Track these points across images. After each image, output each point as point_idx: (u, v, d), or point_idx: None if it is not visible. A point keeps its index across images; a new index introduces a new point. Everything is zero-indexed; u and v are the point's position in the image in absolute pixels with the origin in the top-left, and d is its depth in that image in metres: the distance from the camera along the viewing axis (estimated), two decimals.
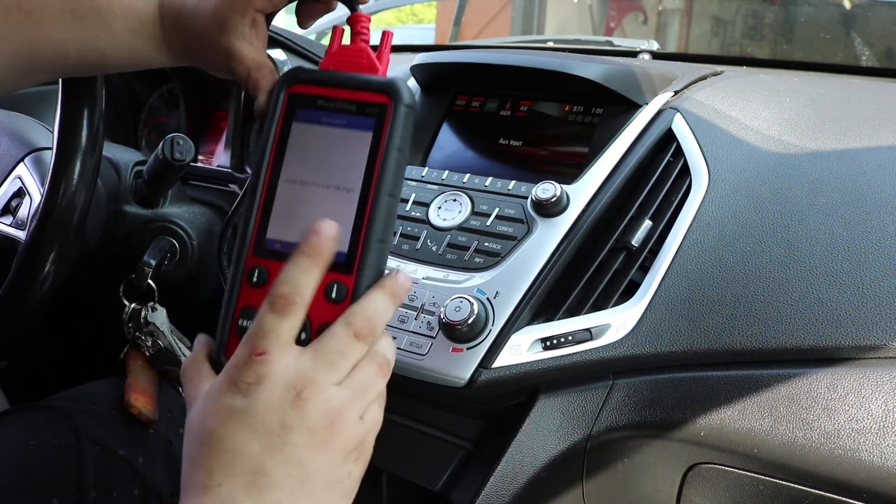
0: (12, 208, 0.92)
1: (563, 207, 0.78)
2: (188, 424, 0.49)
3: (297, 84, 0.53)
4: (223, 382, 0.48)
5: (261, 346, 0.47)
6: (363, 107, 0.52)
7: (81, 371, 1.17)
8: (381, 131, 0.51)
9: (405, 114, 0.52)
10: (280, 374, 0.47)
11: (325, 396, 0.48)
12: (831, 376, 0.67)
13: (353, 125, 0.52)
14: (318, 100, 0.53)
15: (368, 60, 0.55)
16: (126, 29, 0.61)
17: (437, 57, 0.96)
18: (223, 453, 0.46)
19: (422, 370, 0.76)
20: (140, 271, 0.95)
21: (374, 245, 0.50)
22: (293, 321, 0.48)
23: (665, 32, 2.15)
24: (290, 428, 0.46)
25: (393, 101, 0.51)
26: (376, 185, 0.51)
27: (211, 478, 0.46)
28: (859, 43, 1.44)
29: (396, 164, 0.51)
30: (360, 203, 0.51)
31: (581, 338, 0.74)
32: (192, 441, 0.48)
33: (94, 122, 0.77)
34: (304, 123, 0.53)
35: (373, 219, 0.50)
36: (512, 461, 0.76)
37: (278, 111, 0.53)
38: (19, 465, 0.79)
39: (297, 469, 0.46)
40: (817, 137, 0.80)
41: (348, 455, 0.49)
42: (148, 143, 1.30)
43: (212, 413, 0.47)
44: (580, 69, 0.85)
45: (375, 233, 0.50)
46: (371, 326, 0.50)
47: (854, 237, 0.71)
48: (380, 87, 0.52)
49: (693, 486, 0.76)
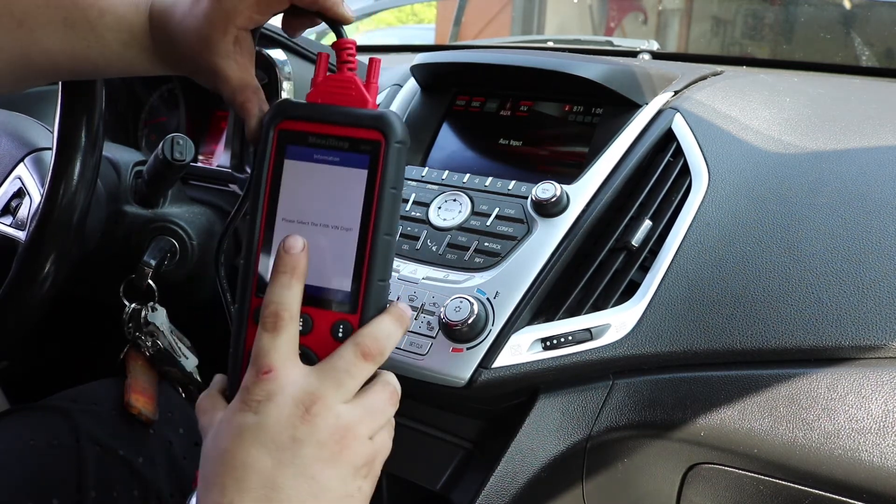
0: (12, 208, 0.92)
1: (563, 207, 0.78)
2: (204, 452, 0.50)
3: (287, 120, 0.52)
4: (235, 404, 0.49)
5: (265, 364, 0.49)
6: (356, 144, 0.51)
7: (81, 371, 1.17)
8: (375, 169, 0.51)
9: (398, 150, 0.51)
10: (288, 390, 0.48)
11: (334, 413, 0.49)
12: (831, 376, 0.67)
13: (347, 163, 0.52)
14: (309, 136, 0.52)
15: (357, 91, 0.54)
16: (117, 40, 0.60)
17: (437, 57, 0.96)
18: (236, 469, 0.47)
19: (422, 370, 0.76)
20: (140, 271, 0.95)
21: (376, 284, 0.51)
22: (288, 335, 0.50)
23: (665, 32, 2.15)
24: (300, 442, 0.47)
25: (385, 139, 0.51)
26: (374, 225, 0.51)
27: (224, 495, 0.46)
28: (859, 43, 1.44)
29: (392, 201, 0.52)
30: (359, 243, 0.51)
31: (581, 338, 0.74)
32: (207, 464, 0.49)
33: (94, 122, 0.77)
34: (297, 161, 0.52)
35: (373, 259, 0.51)
36: (512, 461, 0.76)
37: (269, 149, 0.52)
38: (19, 465, 0.79)
39: (308, 483, 0.47)
40: (817, 137, 0.80)
41: (358, 471, 0.49)
42: (148, 143, 1.30)
43: (225, 433, 0.48)
44: (580, 69, 0.85)
45: (377, 272, 0.51)
46: (379, 347, 0.51)
47: (854, 237, 0.71)
48: (372, 122, 0.51)
49: (693, 486, 0.76)
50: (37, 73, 0.62)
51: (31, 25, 0.59)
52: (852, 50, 1.47)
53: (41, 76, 0.63)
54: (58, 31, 0.60)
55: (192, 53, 0.58)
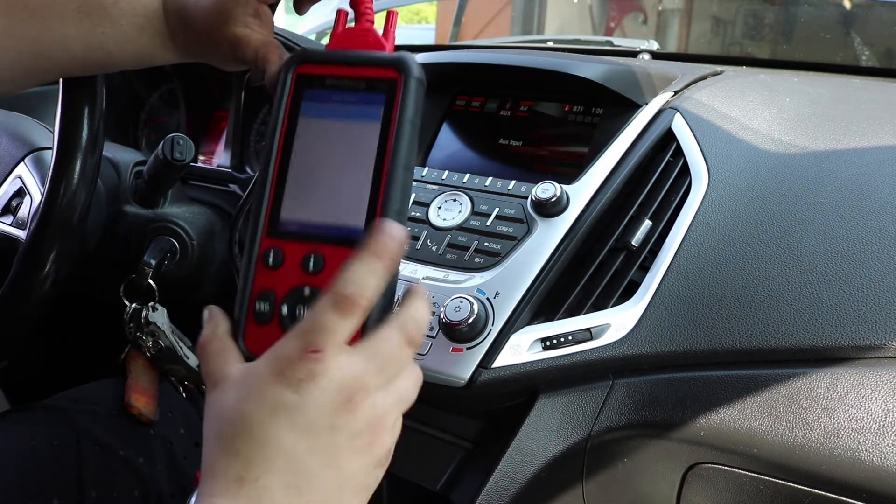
0: (12, 208, 0.92)
1: (563, 207, 0.78)
2: (216, 405, 0.46)
3: (305, 64, 0.52)
4: (269, 372, 0.45)
5: (317, 343, 0.44)
6: (373, 83, 0.51)
7: (81, 371, 1.17)
8: (392, 105, 0.50)
9: (416, 87, 0.51)
10: (334, 376, 0.45)
11: (371, 402, 0.46)
12: (831, 376, 0.67)
13: (364, 101, 0.51)
14: (327, 79, 0.52)
15: (375, 39, 0.55)
16: (132, 25, 0.60)
17: (437, 57, 0.96)
18: (266, 447, 0.44)
19: (422, 370, 0.76)
20: (140, 271, 0.95)
21: (392, 217, 0.49)
22: (353, 323, 0.46)
23: (665, 32, 2.16)
24: (337, 431, 0.45)
25: (402, 75, 0.51)
26: (390, 158, 0.50)
27: (248, 470, 0.44)
28: (859, 43, 1.44)
29: (410, 136, 0.51)
30: (374, 177, 0.50)
31: (581, 338, 0.74)
32: (224, 426, 0.45)
33: (94, 122, 0.77)
34: (314, 103, 0.52)
35: (389, 191, 0.49)
36: (512, 461, 0.76)
37: (287, 92, 0.52)
38: (19, 465, 0.79)
39: (336, 472, 0.45)
40: (817, 137, 0.80)
41: (380, 462, 0.48)
42: (148, 143, 1.30)
43: (255, 402, 0.44)
44: (580, 69, 0.85)
45: (393, 204, 0.49)
46: (421, 334, 0.48)
47: (854, 237, 0.71)
48: (388, 62, 0.51)
49: (693, 486, 0.76)
50: (48, 65, 0.62)
51: (45, 14, 0.59)
52: (852, 50, 1.47)
53: (52, 68, 0.63)
54: (72, 19, 0.59)
55: (209, 30, 0.59)
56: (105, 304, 1.03)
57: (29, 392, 1.07)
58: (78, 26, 0.60)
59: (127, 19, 0.60)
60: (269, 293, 0.49)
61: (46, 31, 0.59)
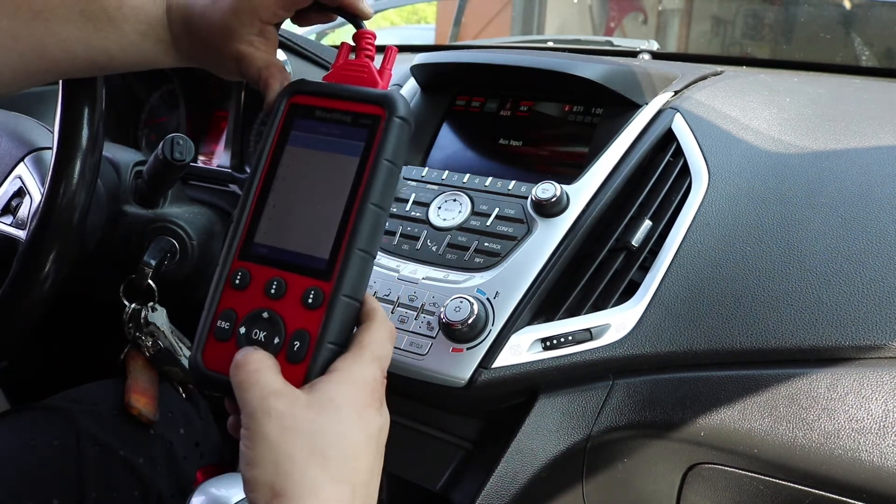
0: (12, 208, 0.92)
1: (563, 207, 0.78)
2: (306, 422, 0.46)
3: (299, 95, 0.55)
4: (368, 397, 0.49)
5: (385, 366, 0.51)
6: (357, 118, 0.53)
7: (81, 371, 1.17)
8: (372, 141, 0.52)
9: (399, 126, 0.52)
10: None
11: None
12: (831, 376, 0.67)
13: (347, 136, 0.53)
14: (317, 111, 0.54)
15: (370, 75, 0.56)
16: (135, 31, 0.61)
17: (437, 57, 0.96)
18: (362, 471, 0.48)
19: (422, 370, 0.76)
20: (140, 271, 0.95)
21: (356, 253, 0.50)
22: None
23: (665, 32, 2.15)
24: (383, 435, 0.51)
25: (387, 113, 0.52)
26: (362, 194, 0.51)
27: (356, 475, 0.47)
28: (859, 43, 1.44)
29: (386, 174, 0.52)
30: (345, 211, 0.51)
31: (581, 338, 0.74)
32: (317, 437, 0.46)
33: (94, 122, 0.77)
34: (302, 133, 0.54)
35: (356, 226, 0.51)
36: (512, 461, 0.76)
37: (278, 119, 0.54)
38: (19, 465, 0.79)
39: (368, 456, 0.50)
40: (817, 137, 0.80)
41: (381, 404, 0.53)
42: (148, 143, 1.30)
43: (352, 424, 0.47)
44: (580, 69, 0.85)
45: (358, 241, 0.50)
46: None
47: (854, 237, 0.71)
48: (375, 98, 0.53)
49: (693, 486, 0.76)
50: (50, 66, 0.62)
51: (48, 17, 0.59)
52: (852, 50, 1.47)
53: (54, 69, 0.63)
54: (75, 22, 0.60)
55: (214, 44, 0.59)
56: (105, 304, 1.03)
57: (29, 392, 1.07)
58: (81, 30, 0.60)
59: (130, 24, 0.61)
60: (231, 312, 0.52)
61: (49, 34, 0.60)
